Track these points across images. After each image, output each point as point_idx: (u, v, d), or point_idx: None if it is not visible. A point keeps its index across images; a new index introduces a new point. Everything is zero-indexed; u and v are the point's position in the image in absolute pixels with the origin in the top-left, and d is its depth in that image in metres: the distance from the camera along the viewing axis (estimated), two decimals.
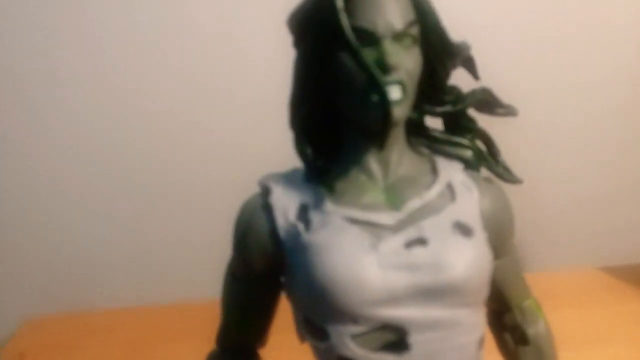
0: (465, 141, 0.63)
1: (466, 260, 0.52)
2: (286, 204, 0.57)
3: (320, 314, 0.53)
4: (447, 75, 0.60)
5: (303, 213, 0.56)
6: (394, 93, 0.53)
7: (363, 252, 0.52)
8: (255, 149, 1.08)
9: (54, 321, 1.16)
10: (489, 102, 0.64)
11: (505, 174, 0.65)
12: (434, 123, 0.64)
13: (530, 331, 0.64)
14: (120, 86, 1.10)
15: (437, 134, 0.63)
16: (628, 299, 1.09)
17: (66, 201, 1.16)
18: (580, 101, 1.16)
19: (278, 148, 0.65)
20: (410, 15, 0.54)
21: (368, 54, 0.52)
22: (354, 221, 0.54)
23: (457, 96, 0.61)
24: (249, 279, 0.60)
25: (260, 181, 0.60)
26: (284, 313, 0.61)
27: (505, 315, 0.64)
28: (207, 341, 0.67)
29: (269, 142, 0.70)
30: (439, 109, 0.61)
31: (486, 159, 0.64)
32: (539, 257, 1.19)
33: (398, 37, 0.53)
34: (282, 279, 0.59)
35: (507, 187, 0.64)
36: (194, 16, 1.08)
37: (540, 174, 1.13)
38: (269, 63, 0.71)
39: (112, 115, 1.11)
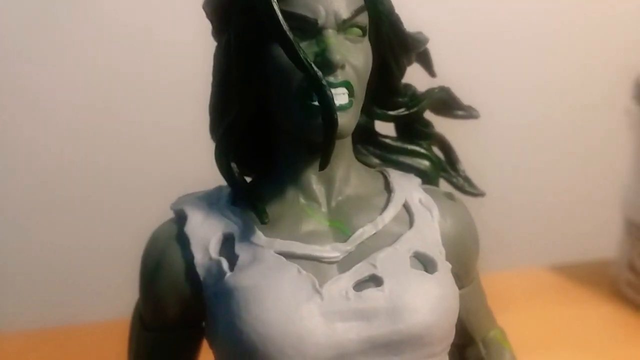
0: (421, 149, 0.54)
1: (430, 302, 0.43)
2: (206, 235, 0.46)
3: None
4: (401, 73, 0.51)
5: (227, 246, 0.46)
6: (340, 97, 0.43)
7: (303, 299, 0.42)
8: (182, 158, 0.97)
9: None
10: (447, 104, 0.55)
11: (466, 186, 0.57)
12: (385, 128, 0.55)
13: None
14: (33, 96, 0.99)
15: (389, 142, 0.54)
16: (577, 300, 1.06)
17: None
18: (534, 101, 1.12)
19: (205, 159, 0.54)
20: (359, 2, 0.45)
21: (306, 48, 0.42)
22: (291, 256, 0.44)
23: (412, 97, 0.52)
24: (161, 327, 0.49)
25: (174, 205, 0.49)
26: None
27: (468, 348, 0.56)
28: None
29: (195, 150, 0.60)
30: (392, 113, 0.52)
31: (445, 169, 0.56)
32: (489, 258, 1.15)
33: (344, 27, 0.43)
34: (204, 324, 0.48)
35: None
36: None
37: (490, 174, 1.08)
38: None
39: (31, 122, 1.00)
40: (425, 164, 0.54)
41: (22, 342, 1.01)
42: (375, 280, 0.44)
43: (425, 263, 0.46)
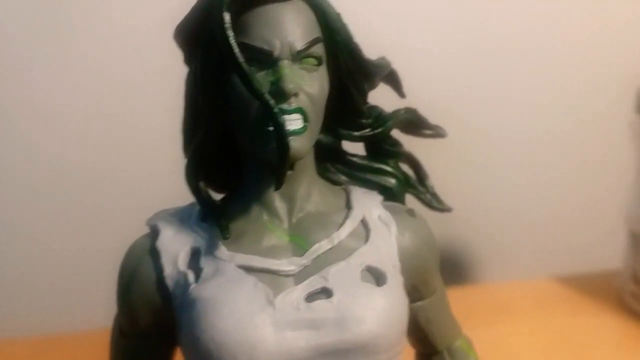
0: (388, 167, 0.57)
1: (376, 313, 0.46)
2: (176, 249, 0.50)
3: None
4: (363, 97, 0.53)
5: (195, 259, 0.49)
6: (294, 123, 0.46)
7: (257, 309, 0.45)
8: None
9: None
10: (414, 123, 0.58)
11: (434, 202, 0.59)
12: (355, 147, 0.58)
13: None
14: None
15: (356, 160, 0.57)
16: (581, 311, 1.06)
17: None
18: (538, 114, 1.12)
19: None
20: (314, 33, 0.48)
21: (262, 78, 0.46)
22: (250, 270, 0.47)
23: (378, 118, 0.55)
24: (136, 335, 0.53)
25: (149, 221, 0.52)
26: None
27: (433, 357, 0.58)
28: None
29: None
30: (357, 134, 0.55)
31: (413, 186, 0.59)
32: (494, 269, 1.16)
33: (299, 57, 0.47)
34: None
35: (463, 198, 0.59)
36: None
37: (494, 186, 1.09)
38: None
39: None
40: (391, 181, 0.57)
41: (16, 350, 1.02)
42: (326, 292, 0.46)
43: (377, 276, 0.48)
